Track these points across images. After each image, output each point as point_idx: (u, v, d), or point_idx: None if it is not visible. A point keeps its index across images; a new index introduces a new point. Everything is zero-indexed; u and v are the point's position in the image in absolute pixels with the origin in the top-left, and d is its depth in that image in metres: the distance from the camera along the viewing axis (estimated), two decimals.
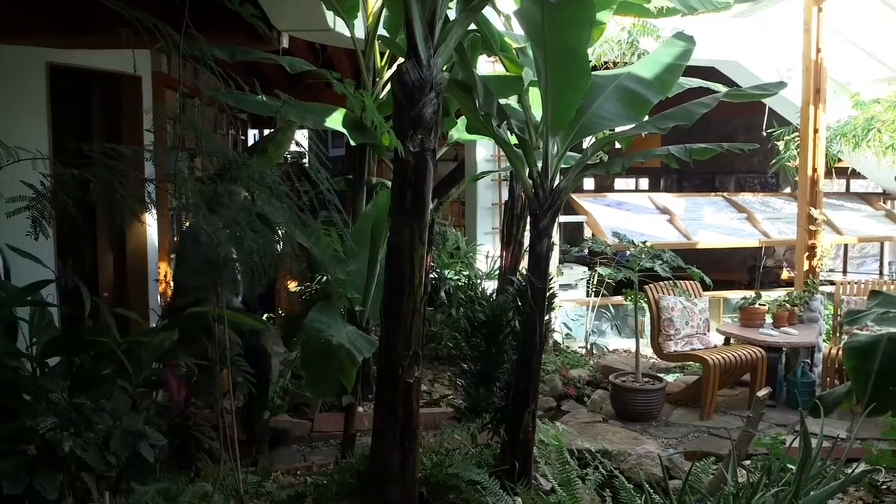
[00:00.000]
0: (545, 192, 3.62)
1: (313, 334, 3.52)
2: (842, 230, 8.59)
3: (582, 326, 7.72)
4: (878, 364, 4.12)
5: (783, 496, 3.01)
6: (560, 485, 3.67)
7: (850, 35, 7.66)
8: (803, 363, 6.13)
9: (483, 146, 7.67)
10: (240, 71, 3.60)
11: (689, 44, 3.90)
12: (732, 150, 3.92)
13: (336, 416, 5.04)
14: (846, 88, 7.89)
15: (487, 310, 4.45)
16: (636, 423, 5.58)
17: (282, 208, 3.21)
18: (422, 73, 3.02)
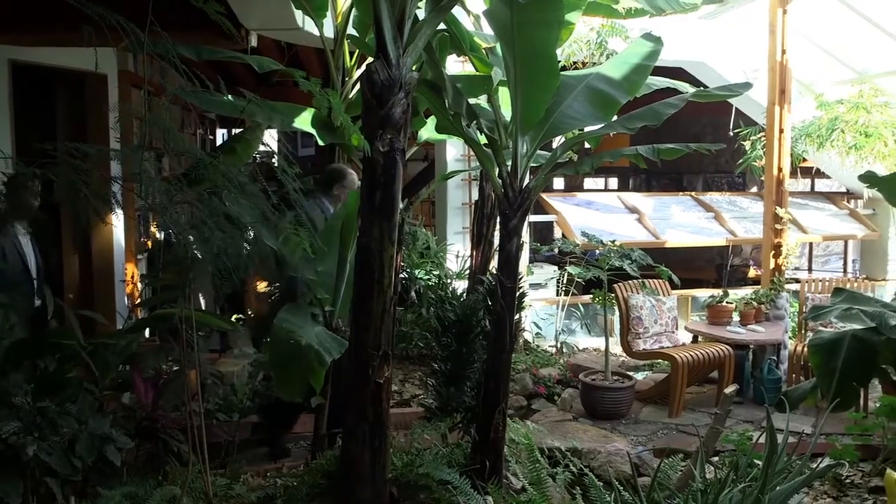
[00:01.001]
0: (515, 192, 3.63)
1: (282, 335, 3.49)
2: (807, 229, 8.71)
3: (552, 325, 7.76)
4: (842, 361, 4.21)
5: (750, 492, 3.04)
6: (531, 483, 3.69)
7: (814, 37, 7.78)
8: (770, 360, 6.20)
9: (453, 146, 7.68)
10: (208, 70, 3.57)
11: (656, 44, 3.93)
12: (700, 150, 3.96)
13: (306, 417, 5.00)
14: (810, 89, 8.01)
15: (457, 309, 4.45)
16: (606, 421, 5.61)
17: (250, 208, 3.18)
18: (391, 73, 3.01)
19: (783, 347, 6.38)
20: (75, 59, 5.53)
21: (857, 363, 4.20)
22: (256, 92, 3.78)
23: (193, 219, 3.04)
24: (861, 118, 7.41)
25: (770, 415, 3.29)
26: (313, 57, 8.29)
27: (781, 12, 6.80)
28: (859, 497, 4.35)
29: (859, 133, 7.37)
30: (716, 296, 6.76)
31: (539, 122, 3.58)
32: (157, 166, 5.54)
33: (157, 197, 3.01)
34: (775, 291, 6.81)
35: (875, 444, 4.84)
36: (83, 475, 3.09)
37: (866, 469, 4.66)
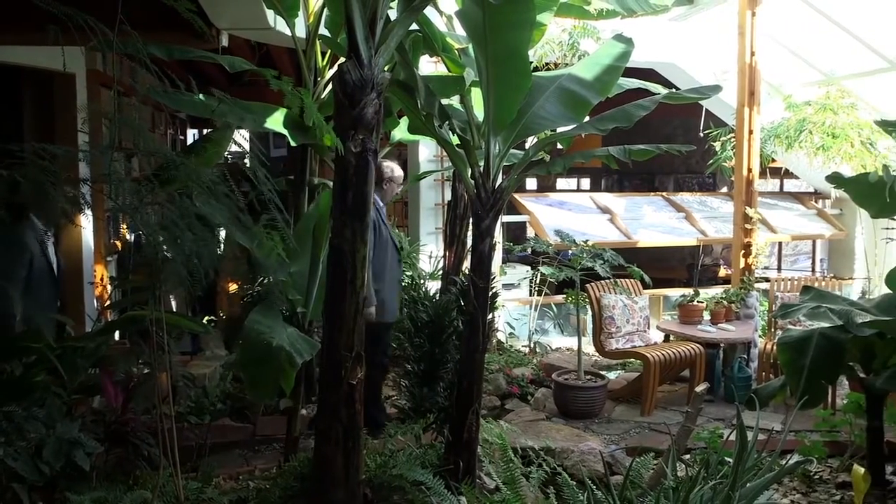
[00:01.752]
0: (487, 192, 3.63)
1: (253, 337, 3.47)
2: (776, 228, 8.82)
3: (525, 325, 7.78)
4: (811, 359, 4.26)
5: (721, 489, 3.07)
6: (504, 483, 3.70)
7: (782, 39, 7.87)
8: (740, 358, 6.27)
9: (426, 146, 7.68)
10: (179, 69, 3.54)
11: (627, 46, 3.96)
12: (670, 150, 3.99)
13: (279, 419, 4.98)
14: (779, 91, 8.11)
15: (430, 310, 4.46)
16: (579, 421, 5.64)
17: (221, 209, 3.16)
18: (363, 73, 3.00)
19: (753, 346, 6.46)
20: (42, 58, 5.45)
21: (825, 361, 4.25)
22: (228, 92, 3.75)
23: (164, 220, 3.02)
24: (828, 119, 7.51)
25: (740, 412, 3.32)
26: (285, 57, 8.25)
27: (750, 15, 6.88)
28: (827, 492, 4.41)
29: (827, 134, 7.47)
30: (687, 295, 6.82)
31: (511, 122, 3.59)
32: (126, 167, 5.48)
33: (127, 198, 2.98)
34: (745, 290, 6.88)
35: (842, 440, 4.91)
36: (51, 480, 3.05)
37: (834, 465, 4.73)
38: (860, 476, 4.17)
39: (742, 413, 3.34)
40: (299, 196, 5.23)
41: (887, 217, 5.13)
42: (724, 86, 5.30)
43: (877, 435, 4.42)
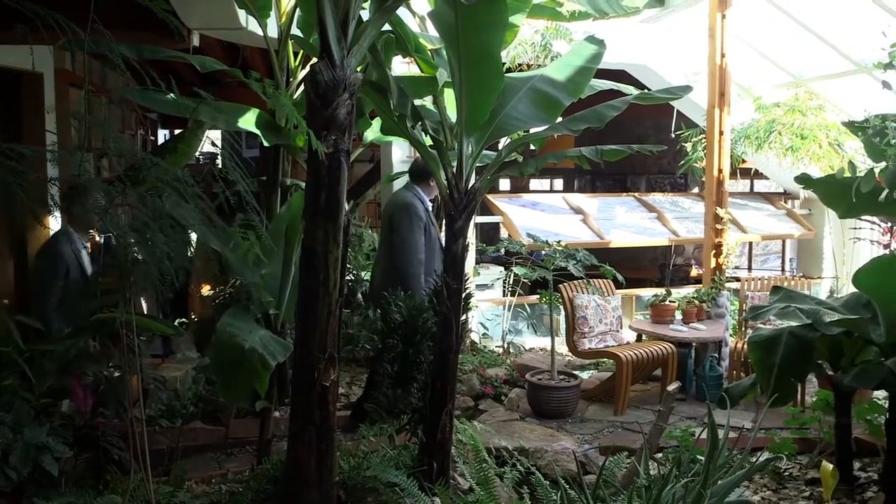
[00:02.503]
0: (460, 193, 3.64)
1: (225, 339, 3.44)
2: (746, 228, 8.92)
3: (499, 326, 7.80)
4: (780, 357, 4.31)
5: (693, 486, 3.10)
6: (478, 484, 3.70)
7: (752, 41, 7.96)
8: (711, 357, 6.33)
9: (399, 147, 7.66)
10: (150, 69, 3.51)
11: (599, 47, 3.98)
12: (642, 151, 4.02)
13: (251, 422, 4.95)
14: (749, 92, 8.20)
15: (404, 311, 4.45)
16: (552, 420, 5.66)
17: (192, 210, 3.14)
18: (335, 74, 2.99)
19: (724, 345, 6.52)
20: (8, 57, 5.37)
21: (795, 359, 4.31)
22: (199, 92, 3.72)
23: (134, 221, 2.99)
24: (797, 121, 7.61)
25: (711, 411, 3.35)
26: (257, 57, 8.20)
27: (720, 17, 6.96)
28: (797, 489, 4.47)
29: (795, 135, 7.57)
30: (659, 295, 6.87)
31: (484, 123, 3.60)
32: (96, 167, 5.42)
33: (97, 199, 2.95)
34: (716, 290, 6.95)
35: (812, 437, 4.98)
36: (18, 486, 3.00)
37: (804, 461, 4.80)
38: (829, 472, 4.24)
39: (713, 411, 3.37)
40: (272, 197, 5.21)
41: (854, 217, 5.21)
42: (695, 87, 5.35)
43: (845, 431, 4.48)
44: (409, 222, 5.03)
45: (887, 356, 4.02)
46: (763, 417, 3.73)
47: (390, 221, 5.03)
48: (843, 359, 4.50)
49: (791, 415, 5.13)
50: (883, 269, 3.92)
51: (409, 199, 5.13)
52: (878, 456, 4.65)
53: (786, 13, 7.22)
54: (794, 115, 7.66)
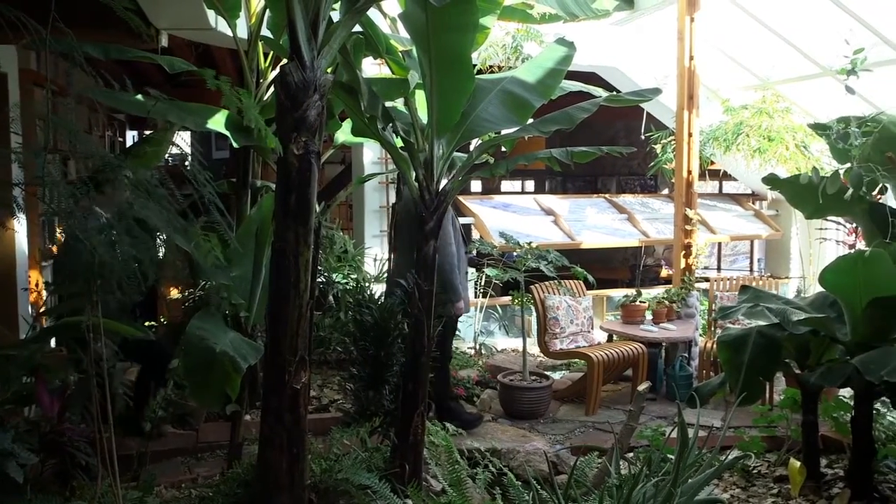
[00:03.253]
0: (431, 195, 3.64)
1: (195, 342, 3.41)
2: (715, 229, 9.00)
3: (470, 327, 7.81)
4: (749, 356, 4.36)
5: (663, 485, 3.12)
6: (450, 485, 3.70)
7: (720, 45, 8.05)
8: (681, 357, 6.39)
9: (370, 148, 7.65)
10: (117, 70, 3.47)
11: (570, 49, 4.00)
12: (612, 153, 4.05)
13: (222, 426, 4.91)
14: (717, 95, 8.29)
15: (375, 313, 4.44)
16: (524, 421, 5.68)
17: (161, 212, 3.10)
18: (305, 75, 2.98)
19: (694, 344, 6.59)
20: None
21: (763, 358, 4.36)
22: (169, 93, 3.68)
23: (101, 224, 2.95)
24: (764, 123, 7.70)
25: (681, 410, 3.38)
26: (227, 58, 8.15)
27: (689, 20, 7.02)
28: (765, 486, 4.52)
29: (763, 137, 7.65)
30: (629, 295, 6.92)
31: (455, 125, 3.60)
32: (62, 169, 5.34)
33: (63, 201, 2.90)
34: (686, 290, 7.01)
35: (780, 435, 5.04)
36: None
37: (772, 459, 4.86)
38: (796, 469, 4.30)
39: (683, 411, 3.40)
40: (242, 199, 5.17)
41: (820, 217, 5.28)
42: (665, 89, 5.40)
43: (811, 429, 4.55)
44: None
45: (853, 354, 4.08)
46: (732, 416, 3.77)
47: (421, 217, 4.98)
48: (810, 357, 4.56)
49: (759, 413, 5.19)
50: (848, 269, 3.98)
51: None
52: (844, 453, 4.73)
53: (753, 17, 7.30)
54: (762, 117, 7.75)
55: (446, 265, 4.90)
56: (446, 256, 4.91)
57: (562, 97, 4.35)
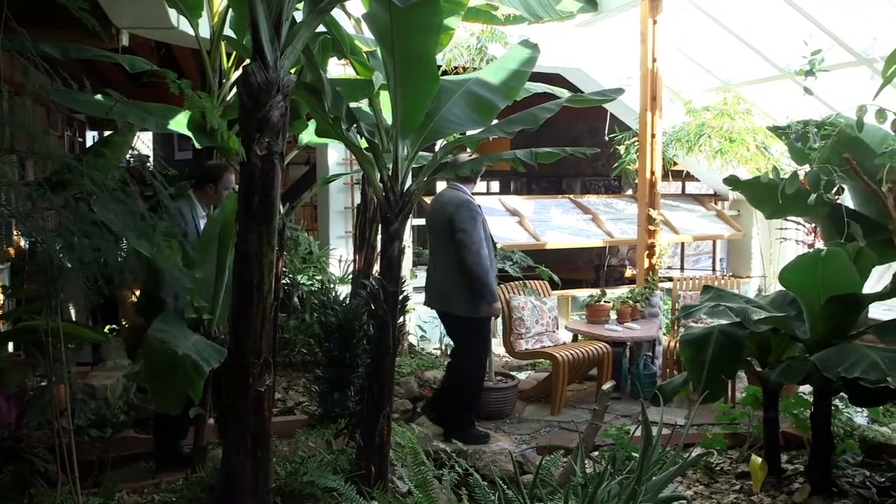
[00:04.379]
0: (396, 196, 3.63)
1: (157, 345, 3.37)
2: (678, 229, 9.10)
3: (437, 328, 7.80)
4: (711, 355, 4.41)
5: (627, 483, 3.14)
6: (416, 486, 3.70)
7: (682, 47, 8.14)
8: (645, 356, 6.45)
9: (335, 149, 7.62)
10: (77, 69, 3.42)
11: (534, 51, 4.02)
12: (576, 153, 4.07)
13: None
14: (679, 96, 8.38)
15: (340, 314, 4.42)
16: (490, 421, 5.68)
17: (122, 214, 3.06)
18: (268, 75, 2.95)
19: (658, 343, 6.65)
20: None
21: (725, 356, 4.42)
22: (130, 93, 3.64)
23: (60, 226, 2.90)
24: (726, 124, 7.80)
25: (645, 409, 3.41)
26: (190, 58, 8.06)
27: (652, 23, 7.10)
28: (728, 483, 4.58)
29: (724, 138, 7.76)
30: (594, 295, 6.96)
31: (419, 126, 3.60)
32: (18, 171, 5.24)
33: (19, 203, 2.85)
34: (650, 290, 7.08)
35: (742, 432, 5.11)
36: None
37: (734, 456, 4.92)
38: (758, 465, 4.36)
39: (647, 409, 3.44)
40: None
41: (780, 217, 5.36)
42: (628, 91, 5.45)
43: (772, 426, 4.62)
44: (472, 219, 5.05)
45: (811, 352, 4.15)
46: (695, 414, 3.81)
47: (451, 221, 5.03)
48: (771, 355, 4.63)
49: (722, 411, 5.25)
50: (807, 268, 4.05)
51: (465, 196, 5.15)
52: (804, 448, 4.81)
53: (714, 20, 7.40)
54: (723, 118, 7.85)
55: (480, 269, 4.96)
56: (481, 260, 4.98)
57: (526, 98, 4.37)
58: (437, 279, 5.24)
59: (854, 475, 4.52)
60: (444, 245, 5.13)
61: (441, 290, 5.18)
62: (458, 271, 5.01)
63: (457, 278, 5.04)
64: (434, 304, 5.28)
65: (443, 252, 5.15)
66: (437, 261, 5.27)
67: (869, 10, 6.28)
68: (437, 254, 5.27)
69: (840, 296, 4.02)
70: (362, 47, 4.13)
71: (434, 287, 5.27)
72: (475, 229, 5.02)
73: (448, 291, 5.11)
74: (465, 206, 5.04)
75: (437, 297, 5.24)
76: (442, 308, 5.23)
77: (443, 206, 5.16)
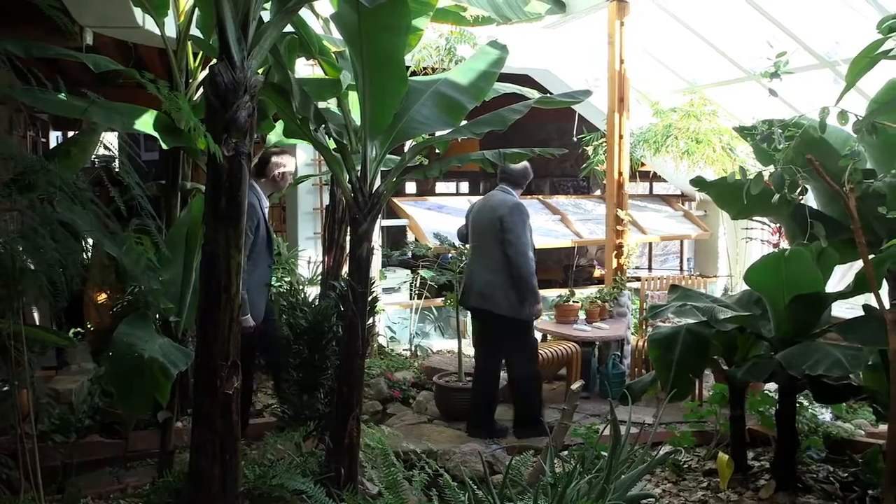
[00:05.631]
0: (364, 197, 3.62)
1: (123, 348, 3.33)
2: (646, 230, 9.17)
3: (406, 329, 7.80)
4: (678, 353, 4.46)
5: (596, 482, 3.17)
6: (386, 488, 3.69)
7: (650, 49, 8.21)
8: (614, 356, 6.49)
9: (303, 150, 7.58)
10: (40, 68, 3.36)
11: (502, 52, 4.03)
12: (543, 154, 4.09)
13: (153, 434, 4.78)
14: (647, 97, 8.44)
15: (309, 316, 4.40)
16: (460, 422, 5.68)
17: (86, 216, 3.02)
18: (235, 75, 2.93)
19: (626, 343, 6.70)
20: None
21: (692, 355, 4.47)
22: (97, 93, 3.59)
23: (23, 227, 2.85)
24: (692, 125, 7.87)
25: (614, 408, 3.44)
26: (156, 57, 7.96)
27: (619, 25, 7.14)
28: (695, 480, 4.63)
29: (691, 139, 7.82)
30: (563, 295, 6.99)
31: (388, 126, 3.60)
32: None
33: None
34: (618, 290, 7.13)
35: (709, 429, 5.17)
36: None
37: (701, 453, 4.97)
38: (725, 463, 4.41)
39: (616, 408, 3.46)
40: (172, 201, 5.06)
41: (745, 218, 5.42)
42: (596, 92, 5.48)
43: (739, 423, 4.68)
44: (522, 222, 5.28)
45: (776, 350, 4.20)
46: (663, 412, 3.85)
47: (501, 223, 5.25)
48: (737, 354, 4.69)
49: (690, 409, 5.31)
50: (771, 268, 4.10)
51: (515, 200, 5.42)
52: (769, 445, 4.87)
53: (682, 23, 7.47)
54: (690, 119, 7.92)
55: (527, 270, 5.20)
56: (529, 262, 5.22)
57: (495, 99, 4.39)
58: (478, 278, 5.41)
59: (818, 471, 4.60)
60: (489, 245, 5.34)
61: (483, 288, 5.36)
62: (503, 271, 5.23)
63: (501, 278, 5.26)
64: (473, 302, 5.45)
65: (487, 252, 5.35)
66: (481, 260, 5.43)
67: (831, 13, 6.38)
68: (481, 253, 5.44)
69: (804, 295, 4.08)
70: (331, 48, 4.12)
71: (475, 286, 5.43)
72: (524, 232, 5.25)
73: (491, 290, 5.30)
74: (517, 210, 5.29)
75: (477, 295, 5.40)
76: (482, 306, 5.39)
77: (493, 207, 5.38)
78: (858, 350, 3.83)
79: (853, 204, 3.63)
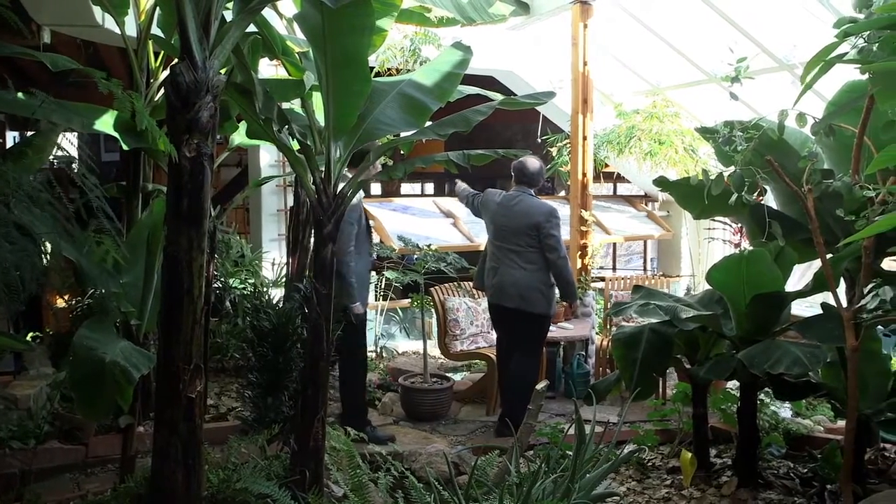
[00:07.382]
0: (328, 198, 3.60)
1: (83, 352, 3.27)
2: (610, 230, 9.22)
3: (371, 330, 7.77)
4: (642, 353, 4.50)
5: (561, 481, 3.19)
6: (352, 490, 3.68)
7: (613, 51, 8.28)
8: (579, 355, 6.53)
9: (267, 151, 7.52)
10: None
11: (466, 53, 4.03)
12: (508, 155, 4.11)
13: (114, 438, 4.72)
14: (610, 99, 8.52)
15: (273, 318, 4.37)
16: (426, 423, 5.70)
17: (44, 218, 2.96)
18: (197, 76, 2.90)
19: (591, 343, 6.74)
20: None
21: (655, 354, 4.51)
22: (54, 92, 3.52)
23: None
24: (655, 127, 7.95)
25: (578, 407, 3.46)
26: (116, 57, 7.86)
27: (583, 27, 7.19)
28: (659, 478, 4.67)
29: (654, 141, 7.90)
30: None
31: (352, 127, 3.58)
32: None
33: None
34: (582, 290, 7.17)
35: (672, 427, 5.22)
36: None
37: (665, 451, 5.02)
38: (687, 460, 4.46)
39: (581, 407, 3.49)
40: (133, 203, 4.99)
41: (707, 218, 5.50)
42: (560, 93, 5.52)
43: (701, 421, 4.73)
44: (558, 226, 5.53)
45: (738, 349, 4.26)
46: (627, 411, 3.88)
47: (538, 229, 5.46)
48: (699, 352, 4.74)
49: (653, 407, 5.36)
50: (732, 268, 4.16)
51: (548, 205, 5.67)
52: (731, 442, 4.93)
53: (644, 25, 7.54)
54: (653, 121, 8.00)
55: (567, 271, 5.58)
56: (569, 264, 5.66)
57: (459, 100, 4.39)
58: (509, 278, 5.51)
59: (779, 467, 4.67)
60: (522, 247, 5.50)
61: (519, 289, 5.47)
62: (538, 272, 5.44)
63: (538, 278, 5.46)
64: (511, 303, 5.49)
65: (519, 253, 5.51)
66: (509, 260, 5.54)
67: (789, 17, 6.49)
68: (510, 254, 5.54)
69: (763, 294, 4.14)
70: (294, 48, 4.09)
71: (506, 287, 5.52)
72: (561, 235, 5.53)
73: (529, 292, 5.45)
74: (553, 214, 5.53)
75: (513, 296, 5.49)
76: (518, 306, 5.46)
77: (526, 212, 5.52)
78: (817, 348, 3.90)
79: (811, 204, 3.69)
